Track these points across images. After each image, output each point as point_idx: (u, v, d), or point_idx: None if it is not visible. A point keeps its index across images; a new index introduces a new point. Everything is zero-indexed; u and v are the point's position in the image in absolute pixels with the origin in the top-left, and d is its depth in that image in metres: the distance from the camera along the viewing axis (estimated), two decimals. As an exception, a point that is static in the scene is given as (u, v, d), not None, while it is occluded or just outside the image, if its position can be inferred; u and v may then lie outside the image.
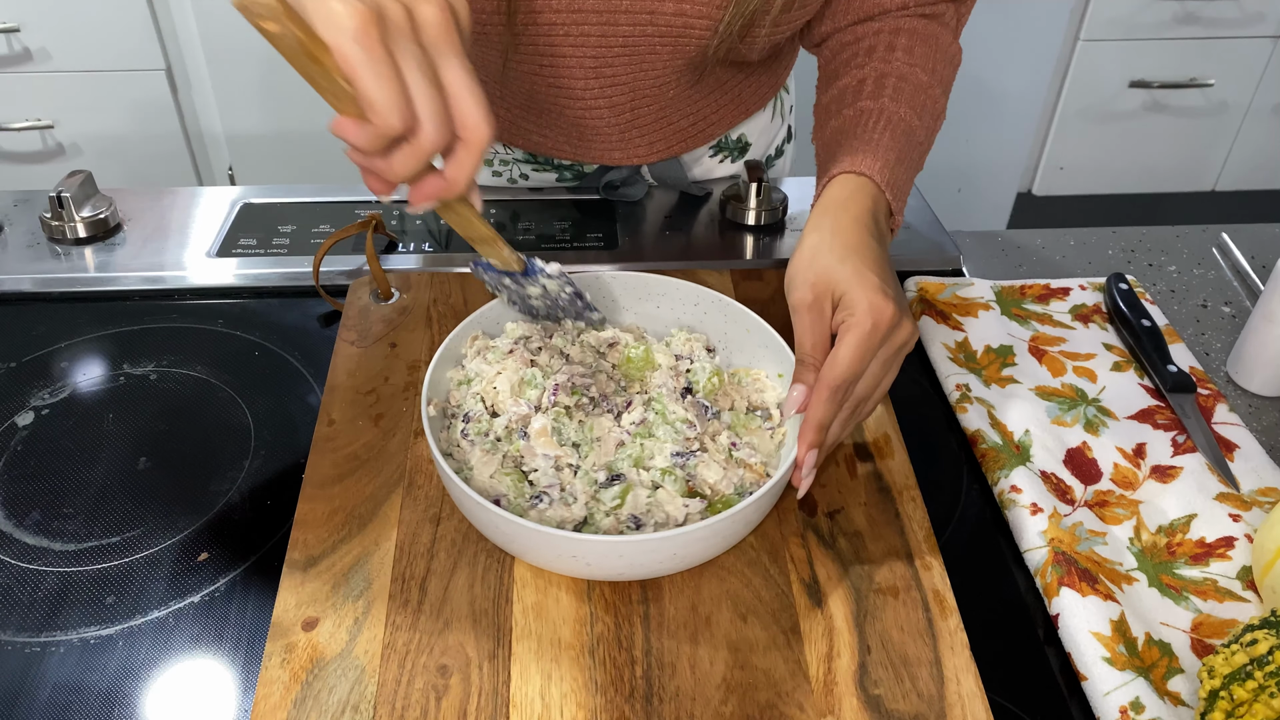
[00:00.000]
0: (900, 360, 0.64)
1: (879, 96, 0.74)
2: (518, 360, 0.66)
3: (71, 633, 0.59)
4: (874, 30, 0.80)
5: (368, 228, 0.83)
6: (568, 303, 0.67)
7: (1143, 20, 2.16)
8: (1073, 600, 0.59)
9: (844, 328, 0.61)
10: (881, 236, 0.67)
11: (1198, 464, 0.69)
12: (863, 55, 0.78)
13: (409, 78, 0.47)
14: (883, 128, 0.72)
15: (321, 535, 0.61)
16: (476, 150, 0.50)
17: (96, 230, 0.89)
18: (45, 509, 0.66)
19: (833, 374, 0.60)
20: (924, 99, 0.75)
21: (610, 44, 0.80)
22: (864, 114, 0.73)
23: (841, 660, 0.55)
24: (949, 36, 0.81)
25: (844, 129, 0.73)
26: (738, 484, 0.60)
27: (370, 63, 0.46)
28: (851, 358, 0.60)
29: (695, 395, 0.65)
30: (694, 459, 0.60)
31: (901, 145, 0.72)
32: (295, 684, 0.53)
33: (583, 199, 0.96)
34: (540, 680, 0.54)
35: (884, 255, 0.65)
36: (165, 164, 2.01)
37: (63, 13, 1.82)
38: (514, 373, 0.64)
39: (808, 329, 0.62)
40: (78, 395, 0.75)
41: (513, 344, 0.67)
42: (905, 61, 0.76)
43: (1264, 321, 0.76)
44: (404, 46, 0.47)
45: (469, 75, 0.49)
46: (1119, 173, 2.40)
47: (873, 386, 0.62)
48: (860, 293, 0.61)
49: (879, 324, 0.60)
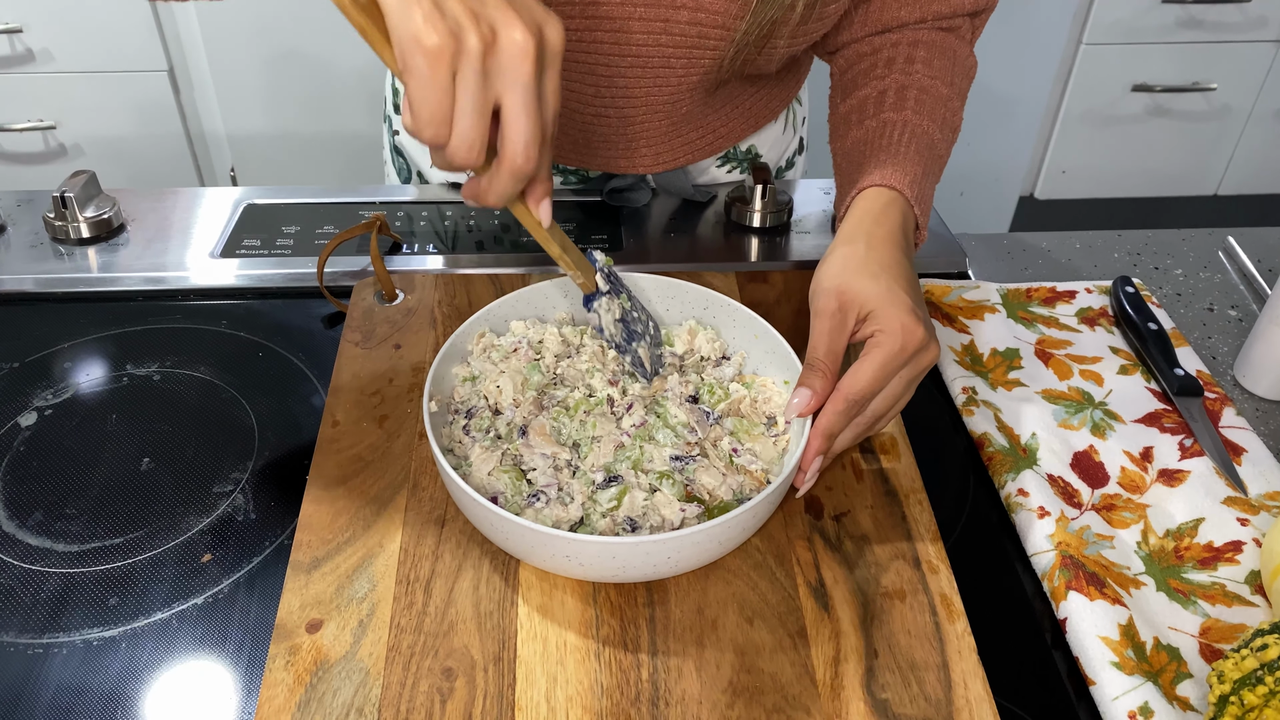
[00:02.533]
0: (919, 381, 0.64)
1: (902, 109, 0.74)
2: (521, 358, 0.65)
3: (74, 634, 0.59)
4: (892, 42, 0.79)
5: (372, 229, 0.83)
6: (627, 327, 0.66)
7: (1145, 24, 2.16)
8: (1080, 604, 0.59)
9: (872, 342, 0.61)
10: (909, 253, 0.68)
11: (1205, 468, 0.69)
12: (882, 66, 0.78)
13: (459, 101, 0.48)
14: (908, 140, 0.72)
15: (326, 537, 0.61)
16: (507, 174, 0.52)
17: (100, 230, 0.89)
18: (48, 510, 0.66)
19: (853, 387, 0.60)
20: (945, 112, 0.75)
21: (623, 53, 0.80)
22: (888, 126, 0.73)
23: (848, 664, 0.55)
24: (965, 49, 0.81)
25: (868, 140, 0.73)
26: (736, 490, 0.60)
27: (429, 82, 0.47)
28: (874, 375, 0.60)
29: (699, 404, 0.65)
30: (693, 464, 0.60)
31: (926, 159, 0.72)
32: (299, 687, 0.53)
33: (587, 200, 0.96)
34: (546, 683, 0.54)
35: (914, 275, 0.66)
36: (167, 165, 2.01)
37: (65, 13, 1.82)
38: (517, 371, 0.64)
39: (824, 336, 0.62)
40: (81, 396, 0.75)
41: (517, 342, 0.67)
42: (925, 74, 0.76)
43: (1271, 325, 0.76)
44: (467, 73, 0.48)
45: (526, 106, 0.50)
46: (1122, 176, 2.40)
47: (889, 404, 0.63)
48: (893, 311, 0.61)
49: (907, 345, 0.61)
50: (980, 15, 0.83)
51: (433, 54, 0.46)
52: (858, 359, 0.61)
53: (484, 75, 0.48)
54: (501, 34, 0.48)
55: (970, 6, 0.81)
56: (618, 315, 0.64)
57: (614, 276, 0.66)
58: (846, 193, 0.71)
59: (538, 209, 0.57)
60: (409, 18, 0.46)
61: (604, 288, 0.64)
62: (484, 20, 0.48)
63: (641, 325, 0.66)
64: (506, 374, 0.64)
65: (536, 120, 0.51)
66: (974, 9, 0.81)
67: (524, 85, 0.49)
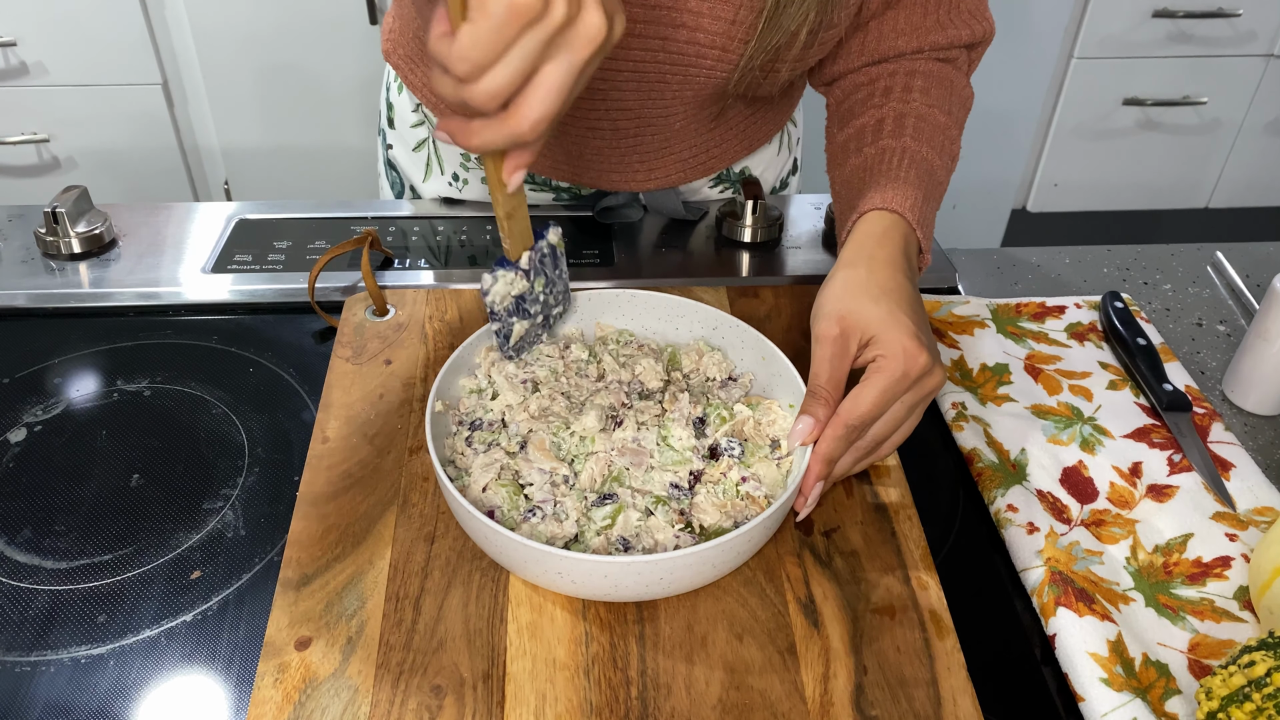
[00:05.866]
0: (924, 407, 0.64)
1: (900, 136, 0.74)
2: (525, 372, 0.66)
3: (62, 652, 0.58)
4: (889, 71, 0.80)
5: (363, 244, 0.83)
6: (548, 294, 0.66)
7: (1136, 38, 2.17)
8: (1070, 620, 0.59)
9: (873, 367, 0.61)
10: (912, 276, 0.67)
11: (1194, 483, 0.69)
12: (879, 95, 0.78)
13: (510, 56, 0.48)
14: (908, 166, 0.72)
15: (315, 554, 0.61)
16: (506, 133, 0.51)
17: (91, 246, 0.89)
18: (37, 526, 0.66)
19: (853, 413, 0.60)
20: (943, 139, 0.75)
21: (619, 68, 0.80)
22: (887, 152, 0.73)
23: (838, 681, 0.55)
24: (962, 80, 0.81)
25: (867, 166, 0.73)
26: (735, 515, 0.60)
27: (495, 28, 0.46)
28: (875, 400, 0.60)
29: (706, 431, 0.64)
30: (689, 497, 0.60)
31: (926, 184, 0.72)
32: (288, 704, 0.53)
33: (579, 215, 0.96)
34: (535, 701, 0.54)
35: (918, 298, 0.66)
36: (162, 178, 2.01)
37: (60, 26, 1.82)
38: (520, 385, 0.65)
39: (826, 362, 0.62)
40: (71, 411, 0.75)
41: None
42: (923, 102, 0.76)
43: (1259, 340, 0.76)
44: (536, 36, 0.47)
45: (563, 85, 0.50)
46: (1113, 190, 2.41)
47: (891, 429, 0.62)
48: (894, 336, 0.61)
49: (909, 371, 0.60)
50: (976, 48, 0.83)
51: (519, 8, 0.46)
52: (859, 384, 0.61)
53: (548, 44, 0.48)
54: (585, 14, 0.48)
55: (967, 39, 0.81)
56: (516, 292, 0.64)
57: (547, 261, 0.65)
58: (847, 218, 0.71)
59: (511, 175, 0.56)
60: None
61: (522, 265, 0.63)
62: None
63: (537, 309, 0.66)
64: (513, 389, 0.64)
65: (564, 100, 0.50)
66: (970, 41, 0.82)
67: (576, 66, 0.49)
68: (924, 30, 0.80)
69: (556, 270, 0.67)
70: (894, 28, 0.80)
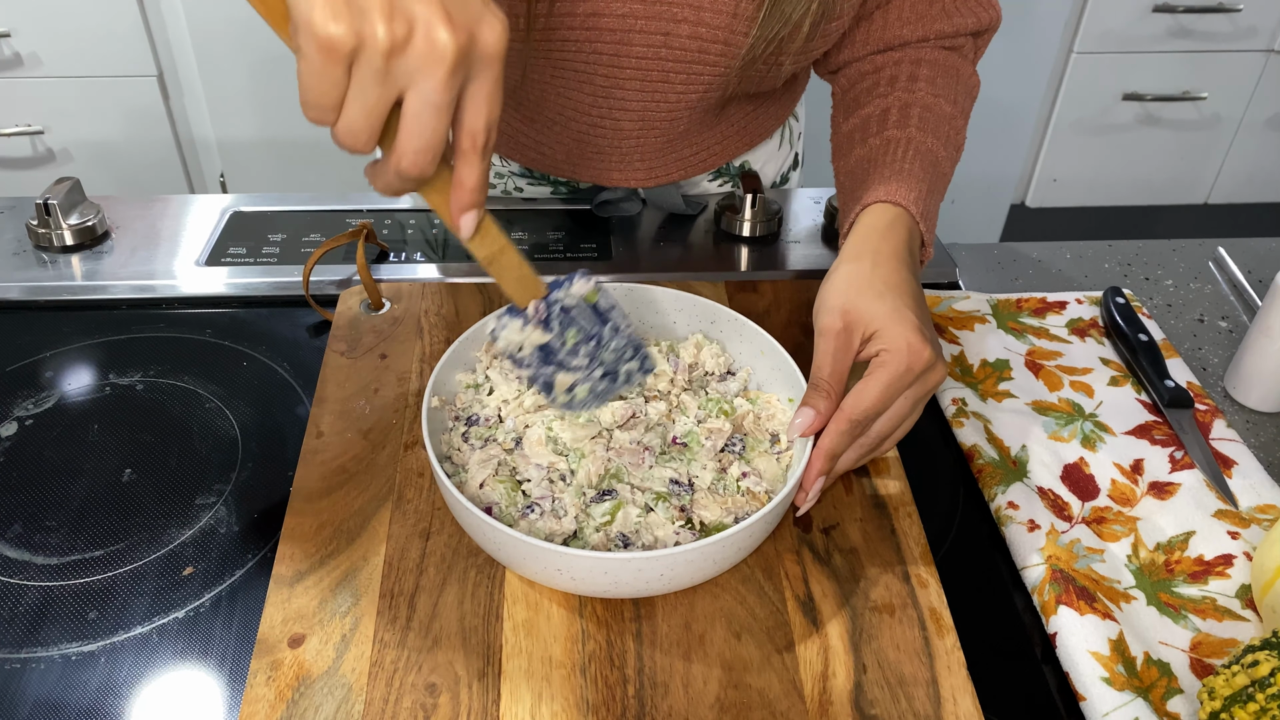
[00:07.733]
0: (925, 401, 0.63)
1: (905, 126, 0.73)
2: None
3: (53, 649, 0.58)
4: (894, 60, 0.79)
5: (358, 237, 0.82)
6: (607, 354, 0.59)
7: (1136, 33, 2.17)
8: (1071, 619, 0.58)
9: (877, 362, 0.60)
10: (915, 270, 0.67)
11: (1196, 480, 0.69)
12: (885, 85, 0.77)
13: (350, 94, 0.45)
14: (912, 157, 0.71)
15: (309, 550, 0.60)
16: (392, 170, 0.48)
17: (84, 238, 0.88)
18: (27, 521, 0.65)
19: (856, 407, 0.59)
20: (949, 129, 0.75)
21: (622, 65, 0.79)
22: (892, 143, 0.73)
23: (837, 680, 0.55)
24: (968, 68, 0.81)
25: (872, 157, 0.73)
26: (735, 510, 0.59)
27: (318, 71, 0.44)
28: (878, 395, 0.59)
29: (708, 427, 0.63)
30: (690, 494, 0.59)
31: (931, 176, 0.71)
32: (281, 702, 0.52)
33: (577, 209, 0.96)
34: (531, 699, 0.53)
35: (920, 293, 0.65)
36: (157, 170, 2.01)
37: (54, 18, 1.81)
38: (516, 380, 0.64)
39: (829, 356, 0.61)
40: (62, 405, 0.74)
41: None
42: (929, 92, 0.76)
43: (1261, 336, 0.76)
44: (364, 70, 0.44)
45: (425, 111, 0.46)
46: (1112, 185, 2.41)
47: (894, 424, 0.62)
48: (899, 331, 0.60)
49: (913, 366, 0.60)
50: (983, 35, 0.82)
51: (326, 44, 0.42)
52: (862, 378, 0.60)
53: (385, 74, 0.44)
54: (418, 32, 0.44)
55: (973, 26, 0.80)
56: (535, 342, 0.57)
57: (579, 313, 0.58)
58: (850, 209, 0.71)
59: (458, 218, 0.51)
60: (309, 8, 0.42)
61: (531, 315, 0.57)
62: (401, 15, 0.43)
63: (582, 362, 0.58)
64: (511, 383, 0.63)
65: (435, 128, 0.46)
66: (977, 29, 0.81)
67: (431, 89, 0.45)
68: (930, 18, 0.79)
69: (602, 323, 0.59)
70: (900, 16, 0.79)
